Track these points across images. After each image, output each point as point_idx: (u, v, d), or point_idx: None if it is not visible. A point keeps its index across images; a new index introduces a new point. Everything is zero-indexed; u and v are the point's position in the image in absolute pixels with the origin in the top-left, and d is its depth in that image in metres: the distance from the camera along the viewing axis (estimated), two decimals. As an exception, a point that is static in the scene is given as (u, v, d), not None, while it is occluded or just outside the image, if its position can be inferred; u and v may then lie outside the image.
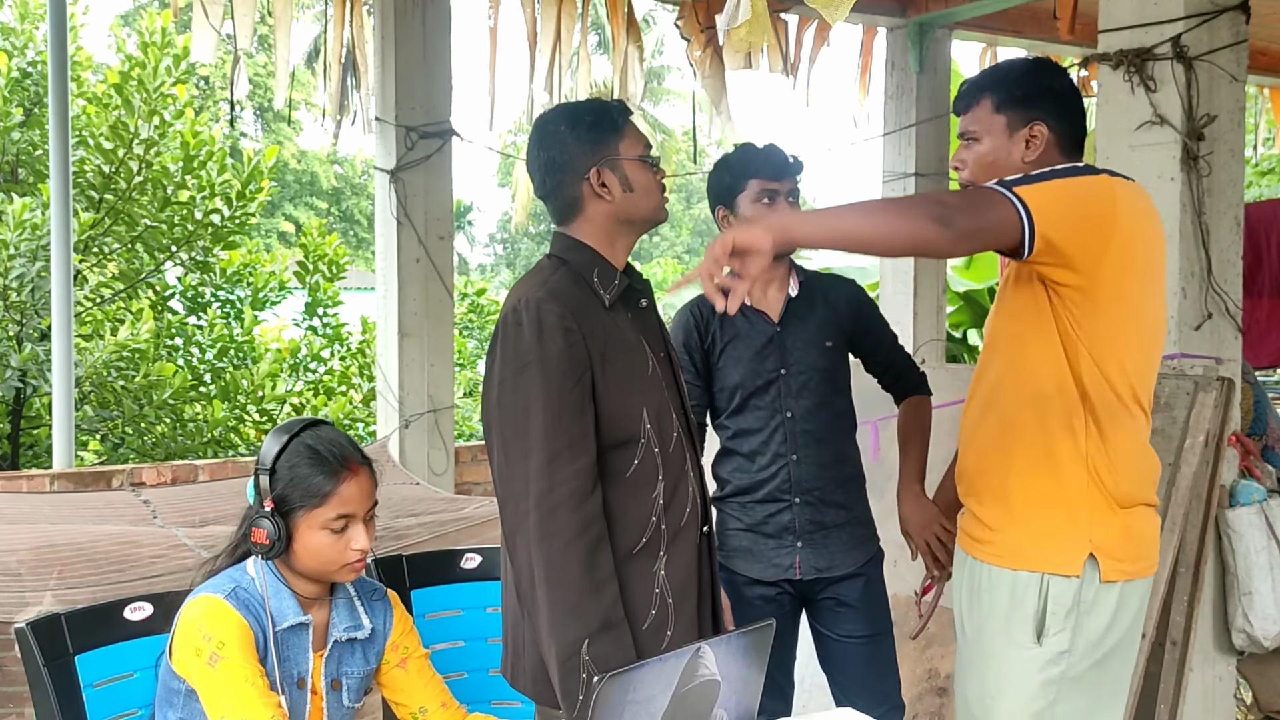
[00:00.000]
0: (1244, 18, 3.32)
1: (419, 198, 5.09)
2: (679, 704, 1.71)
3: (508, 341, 2.05)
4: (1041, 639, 2.13)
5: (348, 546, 2.08)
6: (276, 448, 2.08)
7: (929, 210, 1.90)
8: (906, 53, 6.33)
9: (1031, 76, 2.25)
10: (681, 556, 2.15)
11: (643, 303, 2.23)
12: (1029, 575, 2.14)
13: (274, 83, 5.19)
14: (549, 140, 2.16)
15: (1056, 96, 2.22)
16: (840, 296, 2.88)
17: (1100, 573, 2.12)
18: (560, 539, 1.97)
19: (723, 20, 1.94)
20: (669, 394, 2.18)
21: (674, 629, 2.12)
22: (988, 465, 2.24)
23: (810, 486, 2.78)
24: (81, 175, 7.08)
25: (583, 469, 2.00)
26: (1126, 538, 2.15)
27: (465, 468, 5.55)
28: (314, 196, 27.95)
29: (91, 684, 2.10)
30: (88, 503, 4.02)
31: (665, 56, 29.30)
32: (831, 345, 2.82)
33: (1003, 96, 2.23)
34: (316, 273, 8.58)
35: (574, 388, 2.02)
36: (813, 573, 2.78)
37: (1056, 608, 2.12)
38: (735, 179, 2.77)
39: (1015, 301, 2.17)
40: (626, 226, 2.18)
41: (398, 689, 2.24)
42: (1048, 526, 2.14)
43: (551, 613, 1.98)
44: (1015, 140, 2.22)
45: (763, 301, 2.83)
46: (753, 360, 2.78)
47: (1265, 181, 11.92)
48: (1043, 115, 2.21)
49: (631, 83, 5.85)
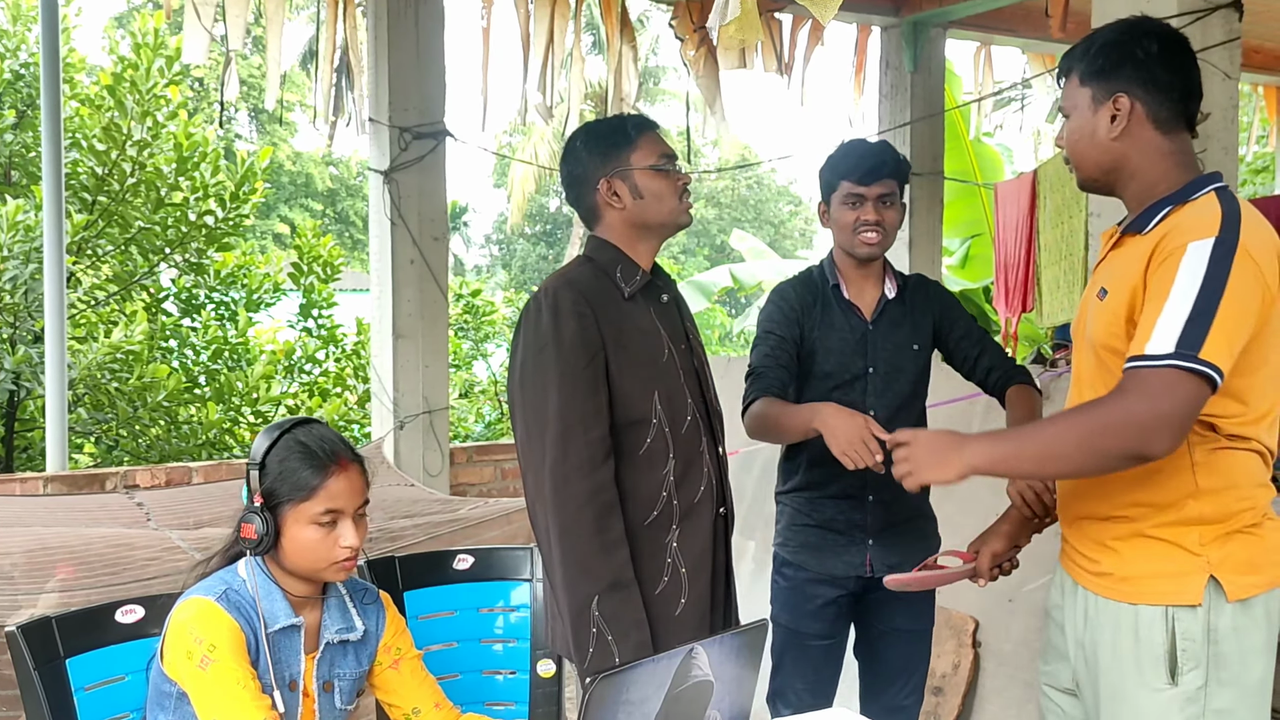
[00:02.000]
0: (1237, 15, 3.32)
1: (413, 199, 5.09)
2: (672, 705, 1.70)
3: (529, 326, 2.26)
4: (1176, 678, 1.95)
5: (336, 543, 2.06)
6: (267, 444, 2.08)
7: (1126, 441, 1.82)
8: (901, 52, 6.34)
9: (1114, 44, 2.04)
10: (697, 532, 2.31)
11: (664, 298, 2.40)
12: (1151, 610, 1.97)
13: (267, 84, 5.17)
14: (569, 156, 2.40)
15: (1139, 64, 2.00)
16: (927, 298, 2.90)
17: (1226, 593, 1.93)
18: (573, 504, 2.16)
19: (712, 18, 1.94)
20: (686, 381, 2.34)
21: (687, 598, 2.29)
22: (1086, 489, 2.08)
23: (885, 485, 2.69)
24: (75, 177, 7.07)
25: (594, 440, 2.18)
26: (1247, 548, 1.96)
27: (460, 469, 5.54)
28: (309, 198, 27.93)
29: (83, 687, 2.08)
30: (82, 505, 4.02)
31: (660, 57, 29.35)
32: (919, 349, 2.85)
33: (1086, 68, 2.05)
34: (311, 274, 8.56)
35: (587, 366, 2.20)
36: (884, 570, 2.74)
37: (1186, 643, 1.94)
38: (831, 177, 2.80)
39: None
40: (644, 231, 2.36)
41: (391, 690, 2.24)
42: (1159, 553, 1.97)
43: (565, 572, 2.17)
44: (1100, 115, 2.03)
45: (859, 296, 2.84)
46: (843, 354, 2.78)
47: (1259, 179, 11.94)
48: (1125, 86, 2.00)
49: (626, 83, 5.85)
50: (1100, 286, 2.04)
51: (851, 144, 2.82)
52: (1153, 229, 1.97)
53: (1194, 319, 1.82)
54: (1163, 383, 1.81)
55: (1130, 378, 1.85)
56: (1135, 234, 2.01)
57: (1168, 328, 1.83)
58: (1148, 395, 1.82)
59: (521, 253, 34.74)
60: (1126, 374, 1.86)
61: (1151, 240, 1.95)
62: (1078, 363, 2.15)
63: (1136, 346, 1.86)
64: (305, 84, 23.47)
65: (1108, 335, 1.98)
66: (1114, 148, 2.03)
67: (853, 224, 2.76)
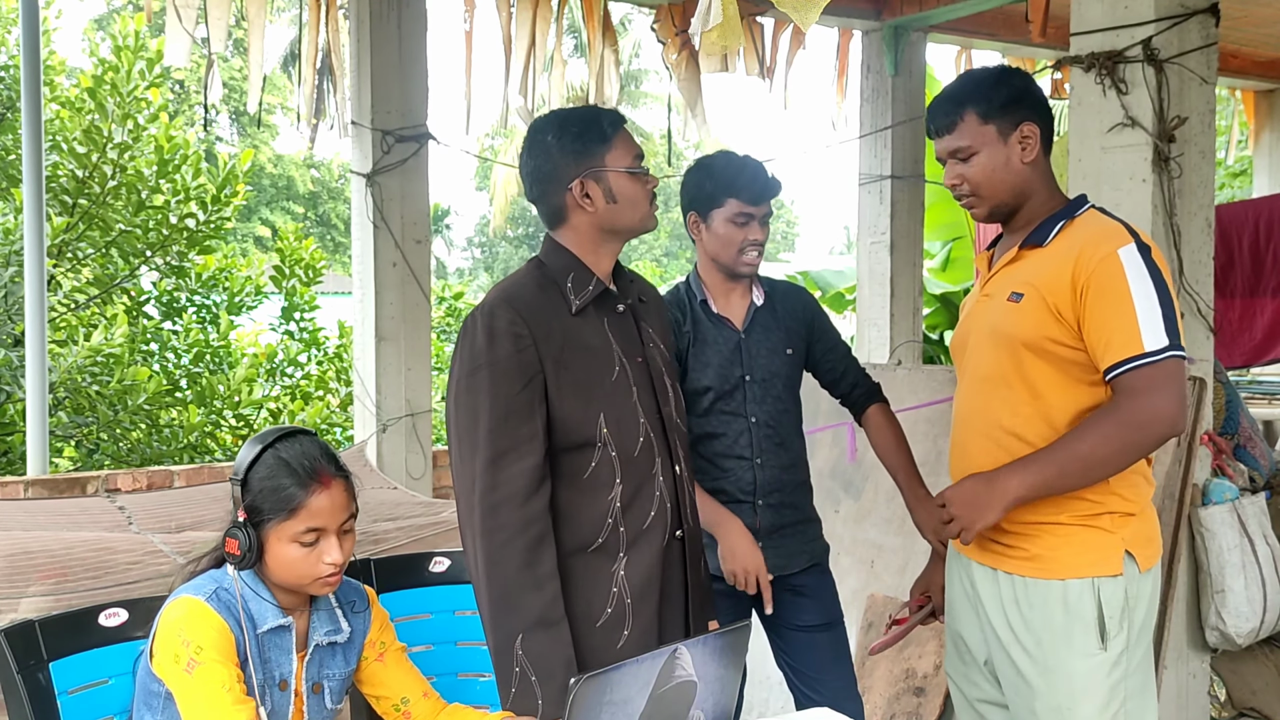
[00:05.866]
0: (1214, 21, 3.35)
1: (395, 201, 5.09)
2: (656, 705, 1.71)
3: (464, 344, 2.15)
4: (1106, 642, 2.18)
5: (320, 560, 2.06)
6: (250, 458, 2.07)
7: (1158, 431, 2.09)
8: (882, 56, 6.36)
9: (1005, 83, 2.28)
10: (643, 559, 2.19)
11: (620, 307, 2.26)
12: (1079, 583, 2.19)
13: (249, 86, 5.15)
14: (537, 149, 2.22)
15: (1031, 95, 2.28)
16: (798, 306, 2.94)
17: (1138, 564, 2.20)
18: (501, 535, 2.06)
19: (695, 24, 1.95)
20: (640, 398, 2.22)
21: (631, 629, 2.17)
22: None
23: (772, 489, 2.84)
24: (55, 180, 7.04)
25: (527, 469, 2.08)
26: (1144, 527, 2.25)
27: (444, 472, 5.53)
28: (290, 201, 27.81)
29: (66, 691, 2.08)
30: (63, 509, 3.99)
31: (642, 60, 29.36)
32: (792, 353, 2.89)
33: (986, 106, 2.25)
34: (293, 277, 8.54)
35: (521, 391, 2.09)
36: (775, 571, 2.82)
37: (1112, 610, 2.18)
38: (715, 191, 2.78)
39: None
40: (610, 235, 2.23)
41: (378, 683, 2.23)
42: (1082, 536, 2.20)
43: (490, 606, 2.08)
44: (1011, 145, 2.25)
45: (727, 308, 2.87)
46: (720, 365, 2.80)
47: (1238, 183, 12.03)
48: (1028, 115, 2.25)
49: (608, 86, 5.86)
50: (1011, 291, 2.25)
51: (742, 160, 2.82)
52: (1051, 241, 2.22)
53: (1166, 314, 2.08)
54: (1168, 373, 2.07)
55: (1137, 376, 2.07)
56: (1036, 246, 2.24)
57: (1152, 326, 2.07)
58: (1162, 388, 2.06)
59: (504, 256, 34.71)
60: (1132, 374, 2.07)
61: (1064, 249, 2.18)
62: (981, 362, 2.31)
63: (1128, 349, 2.07)
64: (287, 87, 23.39)
65: (1036, 331, 2.18)
66: (1025, 171, 2.26)
67: (740, 243, 2.78)
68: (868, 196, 6.44)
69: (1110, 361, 2.10)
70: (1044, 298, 2.17)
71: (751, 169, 2.79)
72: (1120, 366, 2.08)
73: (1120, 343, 2.08)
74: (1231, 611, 3.32)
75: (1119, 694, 2.19)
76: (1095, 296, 2.11)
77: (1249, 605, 3.32)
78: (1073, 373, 2.17)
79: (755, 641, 2.94)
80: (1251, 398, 6.73)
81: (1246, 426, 4.00)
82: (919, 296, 6.50)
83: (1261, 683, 3.70)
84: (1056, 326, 2.16)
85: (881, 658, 3.86)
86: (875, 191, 6.38)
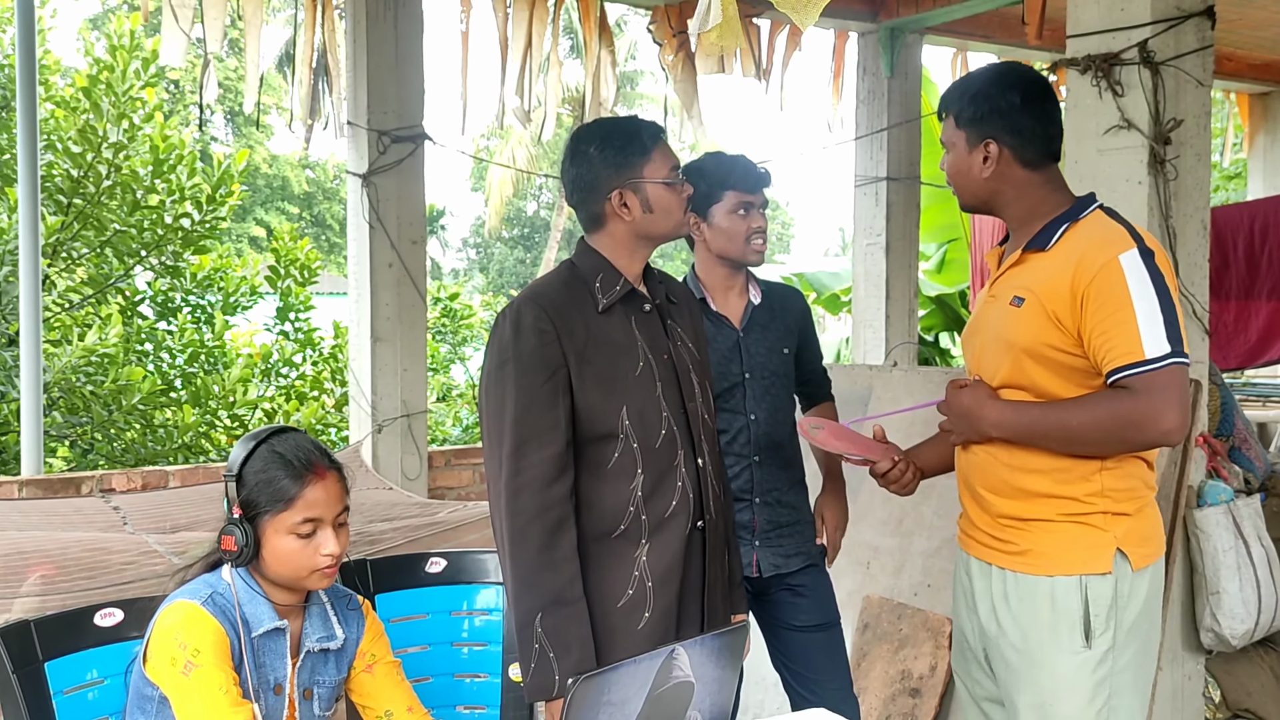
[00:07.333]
0: (1209, 23, 3.36)
1: (391, 202, 5.08)
2: (653, 705, 1.72)
3: (495, 339, 2.27)
4: (1090, 640, 2.19)
5: (317, 552, 2.07)
6: (243, 454, 2.08)
7: (1150, 434, 2.10)
8: (878, 57, 6.37)
9: (983, 96, 2.28)
10: (667, 546, 2.28)
11: (646, 307, 2.36)
12: (1067, 580, 2.21)
13: (244, 87, 5.16)
14: (579, 158, 2.33)
15: (1005, 114, 2.26)
16: (794, 306, 3.00)
17: (1131, 562, 2.20)
18: (523, 518, 2.17)
19: (694, 24, 1.95)
20: (665, 393, 2.31)
21: (651, 611, 2.27)
22: (1006, 490, 2.30)
23: (769, 487, 2.87)
24: (50, 179, 7.02)
25: (549, 457, 2.18)
26: (1141, 525, 2.25)
27: (439, 472, 5.54)
28: (285, 201, 27.79)
29: (61, 691, 2.08)
30: (57, 510, 3.98)
31: (638, 61, 29.35)
32: (788, 352, 2.93)
33: (959, 114, 2.32)
34: (288, 277, 8.53)
35: (545, 383, 2.20)
36: (771, 570, 2.84)
37: (1099, 608, 2.19)
38: (711, 188, 2.81)
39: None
40: (645, 242, 2.36)
41: (365, 693, 2.24)
42: (1072, 533, 2.22)
43: (514, 584, 2.19)
44: (974, 156, 2.30)
45: (725, 307, 2.89)
46: (719, 364, 2.82)
47: (1233, 185, 12.05)
48: (994, 133, 2.27)
49: (604, 87, 5.86)
50: (1013, 295, 2.25)
51: (730, 156, 2.88)
52: (1055, 245, 2.22)
53: (1168, 320, 2.08)
54: (1169, 380, 2.07)
55: (1139, 381, 2.08)
56: (1038, 250, 2.25)
57: (1153, 332, 2.08)
58: (1162, 393, 2.07)
59: (499, 256, 34.69)
60: (1135, 378, 2.08)
61: (1064, 255, 2.18)
62: (986, 364, 2.33)
63: (1129, 354, 2.08)
64: (282, 87, 23.36)
65: (1034, 338, 2.19)
66: (986, 184, 2.30)
67: (745, 232, 2.82)
68: (863, 198, 6.45)
69: (1111, 368, 2.11)
70: (1044, 304, 2.18)
71: (742, 161, 2.86)
72: (1121, 372, 2.09)
73: (1121, 350, 2.09)
74: (1226, 613, 3.33)
75: (1104, 691, 2.20)
76: (1096, 304, 2.11)
77: (1244, 607, 3.33)
78: (1075, 377, 2.18)
79: (752, 642, 2.96)
80: (1246, 400, 6.75)
81: (1241, 428, 4.01)
82: (914, 298, 6.51)
83: (1256, 684, 3.70)
84: (1056, 333, 2.17)
85: (877, 659, 3.86)
86: (871, 193, 6.39)
